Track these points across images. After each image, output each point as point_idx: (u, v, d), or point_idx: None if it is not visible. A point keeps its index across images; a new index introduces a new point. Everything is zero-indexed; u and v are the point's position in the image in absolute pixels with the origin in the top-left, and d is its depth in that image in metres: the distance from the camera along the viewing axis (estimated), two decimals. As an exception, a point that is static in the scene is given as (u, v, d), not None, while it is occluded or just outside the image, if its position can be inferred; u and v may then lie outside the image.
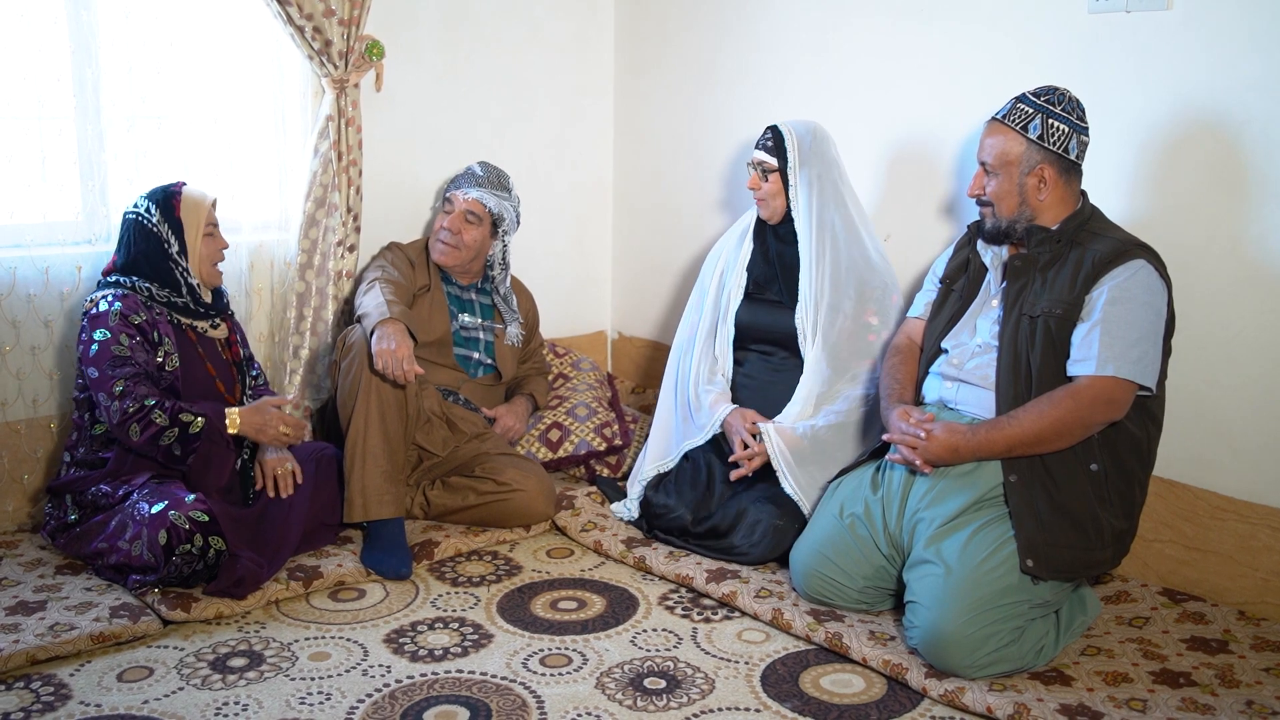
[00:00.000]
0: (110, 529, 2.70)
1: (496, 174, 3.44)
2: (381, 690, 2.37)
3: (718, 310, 3.24)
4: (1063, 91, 2.56)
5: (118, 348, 2.74)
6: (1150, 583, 2.81)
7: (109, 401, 2.70)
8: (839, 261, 3.07)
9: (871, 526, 2.63)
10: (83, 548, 2.78)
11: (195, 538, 2.57)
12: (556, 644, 2.59)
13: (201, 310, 2.94)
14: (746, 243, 3.24)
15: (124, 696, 2.33)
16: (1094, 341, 2.42)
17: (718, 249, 3.33)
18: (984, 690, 2.31)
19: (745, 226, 3.27)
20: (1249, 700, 2.29)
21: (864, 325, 3.08)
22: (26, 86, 3.02)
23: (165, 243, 2.86)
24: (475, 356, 3.45)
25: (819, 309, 3.05)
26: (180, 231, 2.88)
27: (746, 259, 3.22)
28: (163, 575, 2.60)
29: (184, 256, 2.88)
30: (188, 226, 2.88)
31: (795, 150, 3.07)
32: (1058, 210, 2.58)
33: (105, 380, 2.71)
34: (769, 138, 3.11)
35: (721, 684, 2.42)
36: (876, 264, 3.12)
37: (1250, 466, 2.71)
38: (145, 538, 2.59)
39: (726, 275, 3.25)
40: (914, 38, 3.24)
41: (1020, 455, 2.46)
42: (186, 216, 2.89)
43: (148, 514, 2.60)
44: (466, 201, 3.35)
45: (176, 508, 2.59)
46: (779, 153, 3.08)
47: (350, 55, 3.28)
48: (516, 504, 3.14)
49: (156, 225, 2.86)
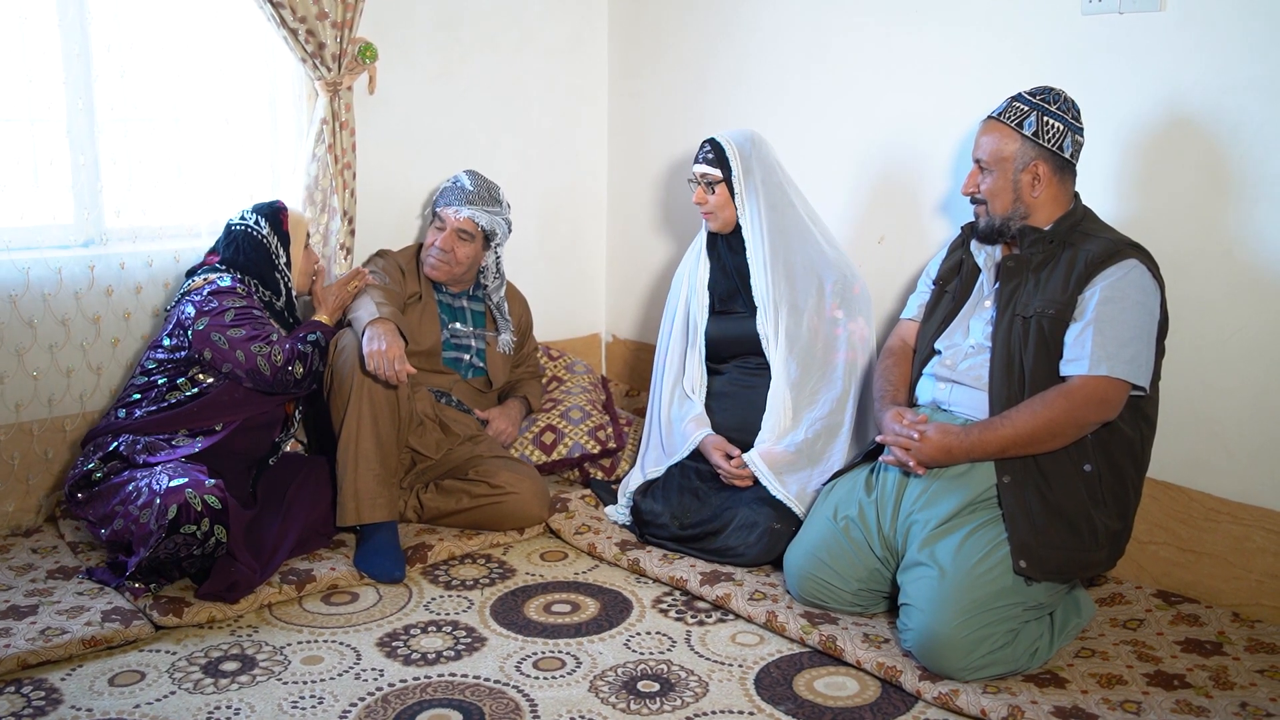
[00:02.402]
0: (127, 491, 2.69)
1: (486, 187, 3.40)
2: (374, 694, 2.36)
3: (687, 333, 3.25)
4: (1058, 91, 2.56)
5: (258, 311, 2.93)
6: (1144, 585, 2.81)
7: (266, 348, 2.85)
8: (793, 262, 3.08)
9: (865, 529, 2.63)
10: (99, 508, 2.76)
11: (203, 521, 2.56)
12: (550, 647, 2.58)
13: (292, 320, 3.09)
14: (703, 261, 3.24)
15: (115, 701, 2.32)
16: (1087, 341, 2.42)
17: (680, 273, 3.33)
18: (978, 693, 2.31)
19: (699, 246, 3.27)
20: (1243, 702, 2.28)
21: (830, 320, 3.08)
22: (23, 90, 3.01)
23: (274, 254, 3.03)
24: (466, 358, 3.44)
25: (778, 311, 3.06)
26: (287, 244, 3.06)
27: (706, 277, 3.22)
28: (155, 550, 2.57)
29: (289, 267, 3.07)
30: (294, 240, 3.07)
31: (737, 159, 3.07)
32: (1051, 210, 2.58)
33: (257, 335, 2.86)
34: (708, 150, 3.11)
35: (715, 687, 2.41)
36: (832, 258, 3.12)
37: (1244, 468, 2.70)
38: (156, 507, 2.58)
39: (690, 297, 3.25)
40: (907, 40, 3.24)
41: (1014, 456, 2.45)
42: (293, 230, 3.08)
43: (165, 486, 2.60)
44: (459, 220, 3.33)
45: (195, 487, 2.58)
46: (721, 163, 3.08)
47: (343, 58, 3.28)
48: (510, 507, 3.13)
49: (266, 236, 3.03)
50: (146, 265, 3.20)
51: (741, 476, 2.99)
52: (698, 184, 3.13)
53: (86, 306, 3.13)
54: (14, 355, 3.07)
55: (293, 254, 3.08)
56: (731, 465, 3.00)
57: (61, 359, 3.13)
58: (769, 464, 2.94)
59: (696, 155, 3.15)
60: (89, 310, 3.14)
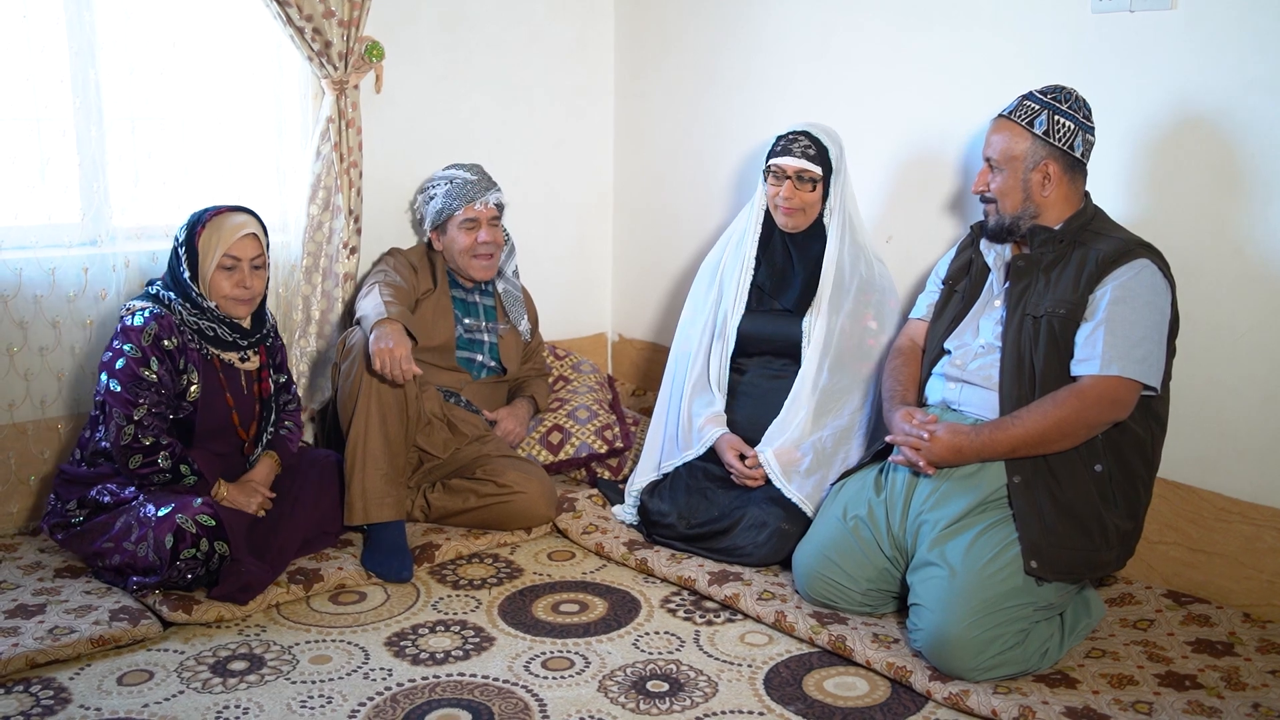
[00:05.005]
0: (115, 530, 2.69)
1: (479, 169, 3.42)
2: (383, 694, 2.36)
3: (714, 326, 3.17)
4: (1070, 91, 2.56)
5: (145, 370, 2.69)
6: (1154, 585, 2.80)
7: (124, 422, 2.68)
8: (844, 266, 3.06)
9: (875, 529, 2.62)
10: (84, 547, 2.77)
11: (201, 542, 2.57)
12: (558, 647, 2.58)
13: (229, 341, 2.84)
14: (749, 254, 3.15)
15: (124, 700, 2.31)
16: (1098, 341, 2.41)
17: (712, 262, 3.25)
18: (989, 693, 2.30)
19: (740, 236, 3.17)
20: (1255, 703, 2.27)
21: (863, 329, 3.05)
22: (29, 88, 3.01)
23: (180, 271, 2.79)
24: (479, 359, 3.43)
25: (825, 313, 3.03)
26: (195, 259, 2.77)
27: (750, 270, 3.14)
28: (166, 578, 2.59)
29: (195, 282, 2.78)
30: (203, 255, 2.77)
31: (838, 159, 3.01)
32: (1061, 209, 2.57)
33: (126, 401, 2.68)
34: (807, 145, 2.97)
35: (724, 687, 2.41)
36: (877, 268, 3.11)
37: (1255, 468, 2.70)
38: (151, 540, 2.58)
39: (725, 288, 3.18)
40: (916, 39, 3.23)
41: (1024, 456, 2.45)
42: (204, 245, 2.77)
43: (154, 516, 2.60)
44: (490, 209, 3.34)
45: (184, 511, 2.58)
46: (822, 160, 2.99)
47: (350, 56, 3.28)
48: (518, 506, 3.13)
49: (179, 246, 2.80)
50: (151, 261, 3.18)
51: (754, 477, 2.97)
52: (787, 178, 2.99)
53: (81, 310, 3.12)
54: (4, 354, 3.07)
55: (201, 270, 2.75)
56: (745, 465, 2.98)
57: (52, 361, 3.13)
58: (782, 464, 2.93)
59: (784, 147, 2.99)
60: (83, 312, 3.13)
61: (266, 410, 2.97)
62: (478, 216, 3.32)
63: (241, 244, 2.78)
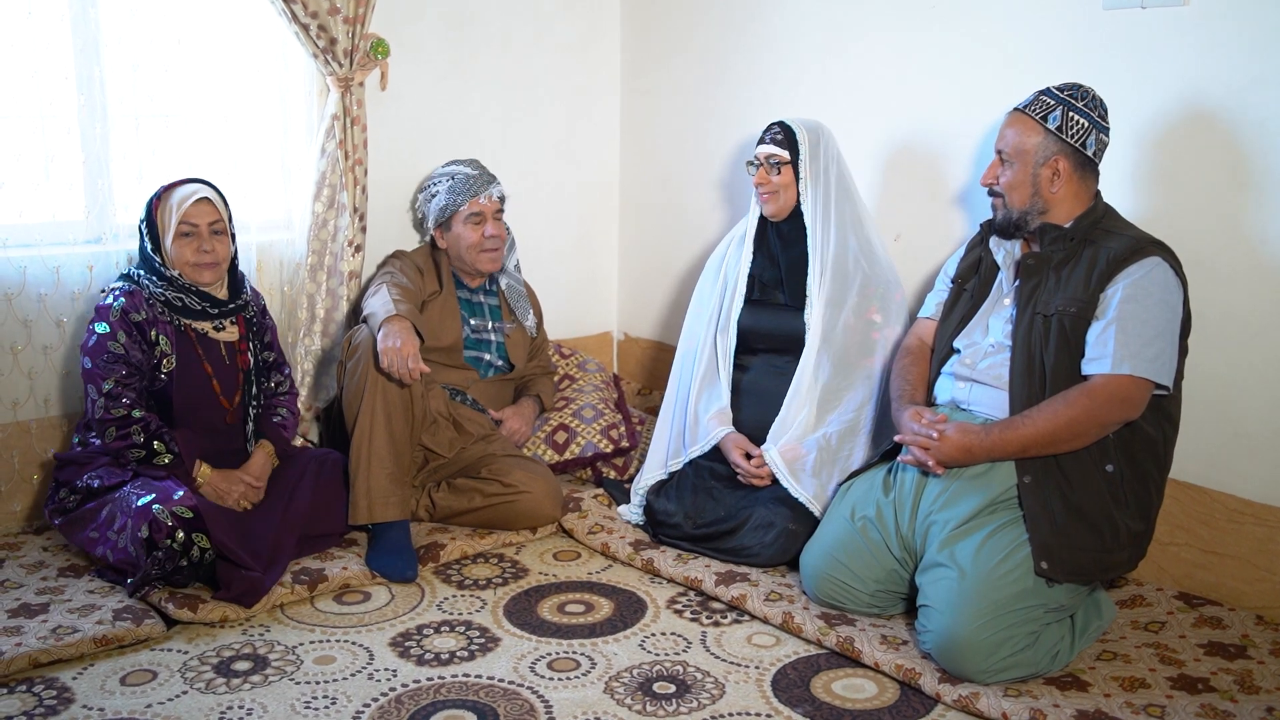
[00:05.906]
0: (101, 518, 2.69)
1: (478, 163, 3.42)
2: (387, 694, 2.34)
3: (718, 321, 3.19)
4: (1088, 89, 2.53)
5: (114, 344, 2.75)
6: (1166, 586, 2.78)
7: (96, 396, 2.75)
8: (844, 255, 3.05)
9: (883, 529, 2.60)
10: (76, 533, 2.77)
11: (177, 533, 2.54)
12: (564, 648, 2.56)
13: (199, 310, 2.88)
14: (747, 248, 3.19)
15: (127, 700, 2.30)
16: (1109, 340, 2.39)
17: (716, 259, 3.28)
18: (999, 696, 2.28)
19: (742, 233, 3.22)
20: (1269, 707, 2.25)
21: (867, 322, 3.04)
22: (33, 85, 3.00)
23: (144, 241, 2.87)
24: (486, 358, 3.42)
25: (821, 305, 3.02)
26: (156, 233, 2.85)
27: (748, 264, 3.17)
28: (146, 571, 2.57)
29: (158, 254, 2.85)
30: (161, 228, 2.85)
31: (805, 142, 3.05)
32: (1070, 207, 2.55)
33: (96, 374, 2.74)
34: (776, 131, 3.08)
35: (732, 689, 2.39)
36: (882, 260, 3.10)
37: (1268, 469, 2.67)
38: (129, 530, 2.58)
39: (727, 284, 3.20)
40: (926, 35, 3.21)
41: (1034, 456, 2.42)
42: (161, 217, 2.85)
43: (134, 506, 2.60)
44: (494, 201, 3.34)
45: (162, 502, 2.57)
46: (789, 144, 3.05)
47: (355, 53, 3.26)
48: (523, 506, 3.11)
49: (141, 224, 2.88)
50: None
51: (760, 476, 2.95)
52: (760, 165, 3.08)
53: (87, 309, 3.11)
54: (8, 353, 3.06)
55: (162, 241, 2.84)
56: (751, 465, 2.97)
57: (56, 359, 3.12)
58: (788, 463, 2.91)
59: (762, 137, 3.10)
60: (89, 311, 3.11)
61: (248, 382, 2.97)
62: (483, 210, 3.31)
63: (195, 209, 2.83)
